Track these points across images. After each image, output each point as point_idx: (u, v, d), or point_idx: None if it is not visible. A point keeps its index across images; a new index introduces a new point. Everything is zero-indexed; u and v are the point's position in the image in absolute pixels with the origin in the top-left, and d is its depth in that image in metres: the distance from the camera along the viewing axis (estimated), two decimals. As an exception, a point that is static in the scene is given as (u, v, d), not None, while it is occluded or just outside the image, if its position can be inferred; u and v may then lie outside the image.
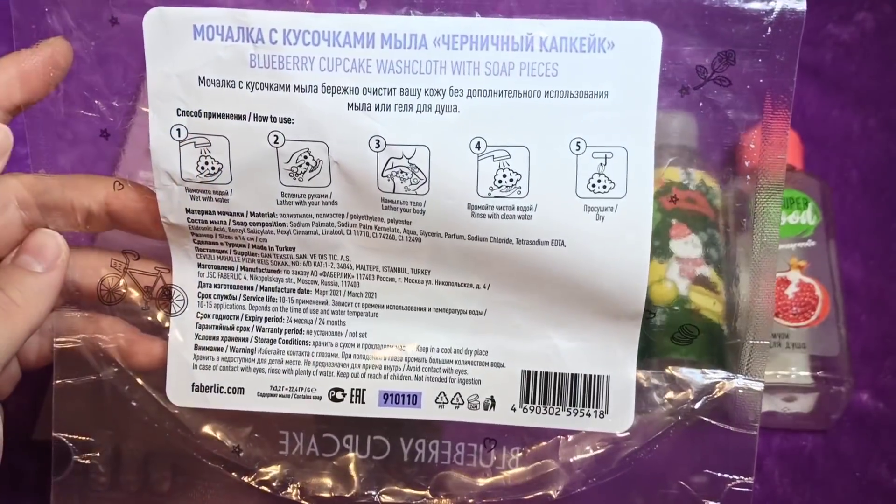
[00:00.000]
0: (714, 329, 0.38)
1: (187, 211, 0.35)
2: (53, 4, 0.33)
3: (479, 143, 0.34)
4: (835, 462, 0.47)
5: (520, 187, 0.34)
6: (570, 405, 0.37)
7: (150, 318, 0.38)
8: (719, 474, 0.38)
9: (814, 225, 0.46)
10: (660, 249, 0.38)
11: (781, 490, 0.46)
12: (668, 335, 0.38)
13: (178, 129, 0.34)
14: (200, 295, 0.37)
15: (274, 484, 0.38)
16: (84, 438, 0.38)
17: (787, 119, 0.35)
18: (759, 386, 0.37)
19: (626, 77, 0.34)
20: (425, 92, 0.33)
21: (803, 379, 0.43)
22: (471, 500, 0.38)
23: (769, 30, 0.34)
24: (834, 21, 0.57)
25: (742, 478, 0.37)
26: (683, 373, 0.38)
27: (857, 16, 0.57)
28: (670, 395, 0.38)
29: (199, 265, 0.37)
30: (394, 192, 0.34)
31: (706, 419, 0.37)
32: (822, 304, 0.44)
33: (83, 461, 0.38)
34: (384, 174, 0.34)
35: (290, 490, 0.38)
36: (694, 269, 0.38)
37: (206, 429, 0.38)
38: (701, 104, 0.35)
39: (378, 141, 0.33)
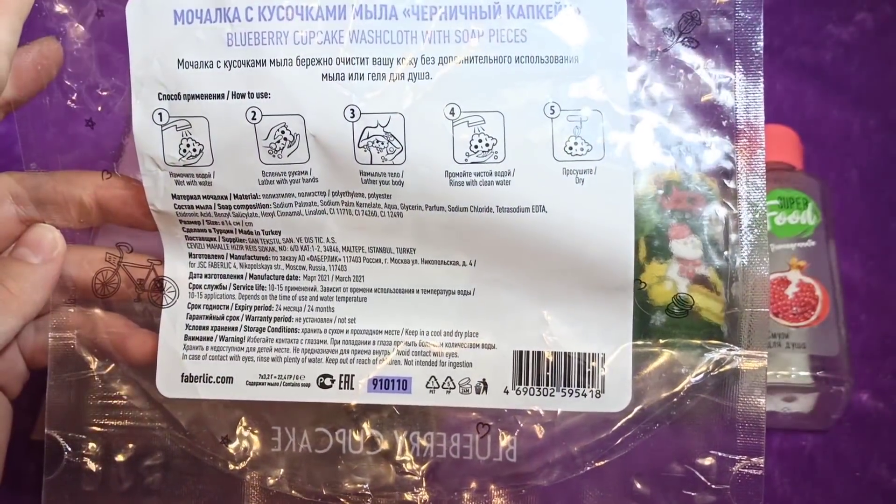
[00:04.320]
0: (714, 330, 0.37)
1: (173, 197, 0.36)
2: (43, -4, 0.35)
3: (453, 109, 0.34)
4: (835, 462, 0.46)
5: (496, 152, 0.34)
6: (565, 385, 0.36)
7: (143, 311, 0.38)
8: (726, 455, 0.36)
9: (814, 225, 0.46)
10: (660, 250, 0.38)
11: (781, 490, 0.45)
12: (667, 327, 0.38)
13: (160, 114, 0.35)
14: (191, 286, 0.37)
15: (265, 477, 0.37)
16: (76, 436, 0.37)
17: (759, 75, 0.35)
18: (762, 359, 0.36)
19: (595, 41, 0.34)
20: (397, 61, 0.34)
21: (803, 379, 0.43)
22: (466, 489, 0.37)
23: None
24: (834, 21, 0.57)
25: (751, 458, 0.36)
26: (683, 348, 0.36)
27: (857, 16, 0.57)
28: (669, 372, 0.36)
29: (190, 255, 0.37)
30: (371, 163, 0.34)
31: (708, 397, 0.36)
32: (821, 304, 0.44)
33: (75, 459, 0.37)
34: (360, 145, 0.34)
35: (281, 482, 0.37)
36: (694, 270, 0.37)
37: (196, 421, 0.38)
38: (672, 66, 0.35)
39: (353, 111, 0.34)
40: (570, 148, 0.34)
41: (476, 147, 0.34)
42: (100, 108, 0.37)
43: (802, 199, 0.46)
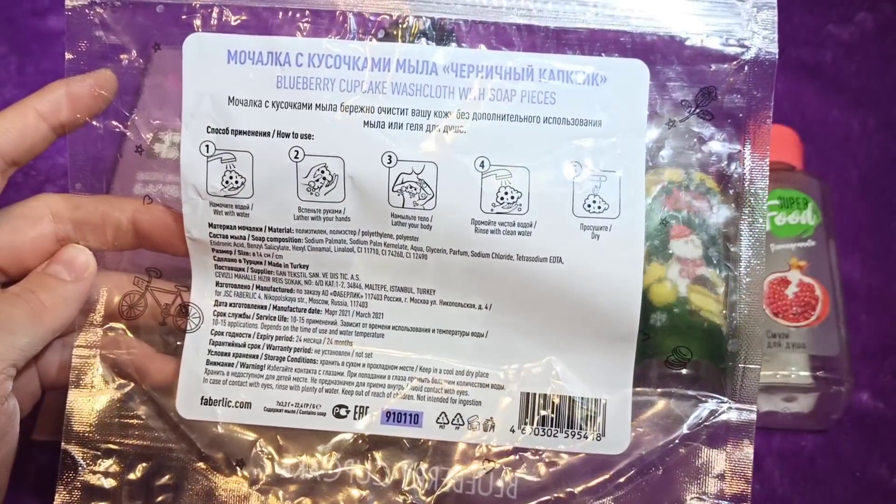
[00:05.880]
0: (714, 329, 0.39)
1: (210, 226, 0.37)
2: (103, 27, 0.37)
3: (483, 161, 0.37)
4: (835, 462, 0.46)
5: (520, 204, 0.37)
6: (568, 427, 0.38)
7: (166, 335, 0.39)
8: (714, 500, 0.38)
9: (814, 225, 0.47)
10: (660, 250, 0.40)
11: (781, 490, 0.46)
12: (668, 338, 0.39)
13: (207, 146, 0.37)
14: (216, 313, 0.39)
15: (277, 501, 0.39)
16: (92, 452, 0.38)
17: (767, 150, 0.38)
18: (751, 412, 0.38)
19: (618, 108, 0.37)
20: (434, 113, 0.37)
21: (803, 379, 0.44)
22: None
23: (746, 68, 0.38)
24: (834, 21, 0.58)
25: (738, 504, 0.38)
26: (679, 398, 0.39)
27: (857, 16, 0.58)
28: (666, 419, 0.39)
29: (217, 283, 0.39)
30: (403, 206, 0.37)
31: (699, 445, 0.38)
32: (821, 304, 0.45)
33: (89, 475, 0.38)
34: (395, 189, 0.36)
35: (291, 508, 0.39)
36: (694, 270, 0.39)
37: (212, 443, 0.39)
38: (687, 135, 0.38)
39: (390, 157, 0.36)
40: (589, 205, 0.37)
41: (502, 199, 0.37)
42: (145, 134, 0.38)
43: (802, 199, 0.47)
